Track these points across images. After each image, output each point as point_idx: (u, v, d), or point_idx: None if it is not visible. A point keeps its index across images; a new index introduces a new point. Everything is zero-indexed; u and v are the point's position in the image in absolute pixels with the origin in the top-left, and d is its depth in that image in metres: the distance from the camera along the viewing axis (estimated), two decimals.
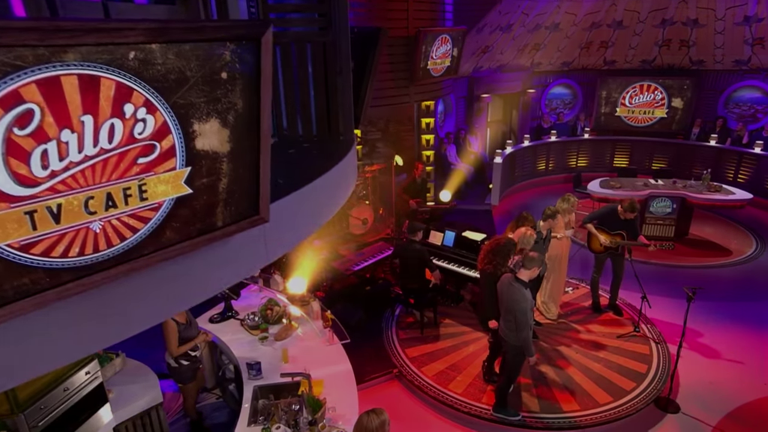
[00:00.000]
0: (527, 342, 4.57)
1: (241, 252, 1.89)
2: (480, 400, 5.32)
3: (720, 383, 5.61)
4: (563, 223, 6.36)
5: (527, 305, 4.48)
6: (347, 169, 2.91)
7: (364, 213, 8.56)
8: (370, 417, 3.16)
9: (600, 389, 5.42)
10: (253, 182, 1.72)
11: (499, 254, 5.03)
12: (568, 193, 6.44)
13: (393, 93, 7.30)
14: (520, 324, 4.50)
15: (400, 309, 7.06)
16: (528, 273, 4.59)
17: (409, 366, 5.89)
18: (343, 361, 4.79)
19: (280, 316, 5.34)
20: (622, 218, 6.39)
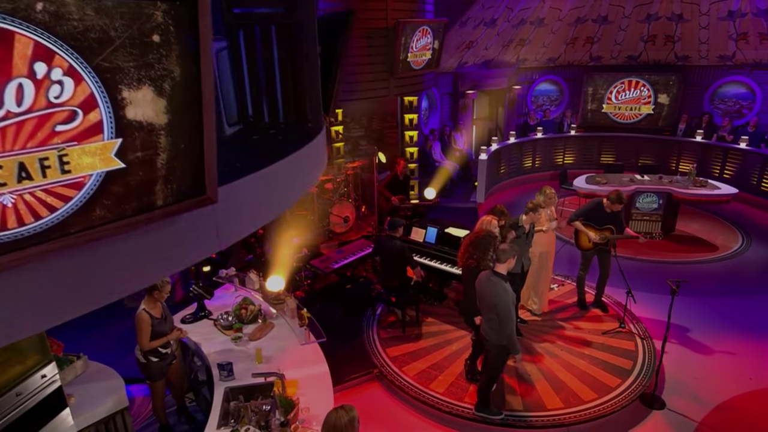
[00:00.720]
0: (512, 338, 4.49)
1: (188, 235, 1.78)
2: (462, 400, 5.24)
3: (706, 378, 5.59)
4: (545, 216, 6.31)
5: (509, 299, 4.41)
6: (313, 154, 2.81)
7: (346, 211, 8.47)
8: (338, 414, 3.06)
9: (585, 386, 5.36)
10: (198, 159, 1.61)
11: (478, 247, 4.96)
12: (545, 186, 6.40)
13: (372, 86, 7.22)
14: (504, 319, 4.42)
15: (382, 308, 6.96)
16: (504, 266, 4.51)
17: (389, 366, 5.79)
18: (320, 361, 4.69)
19: (255, 315, 5.22)
20: (608, 211, 6.35)
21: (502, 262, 4.51)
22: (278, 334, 5.09)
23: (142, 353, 4.48)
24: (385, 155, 10.29)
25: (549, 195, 6.25)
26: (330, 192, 8.69)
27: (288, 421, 3.77)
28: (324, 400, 4.10)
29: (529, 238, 6.00)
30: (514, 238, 5.44)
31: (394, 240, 6.20)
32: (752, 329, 6.46)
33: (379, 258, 6.45)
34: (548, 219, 6.36)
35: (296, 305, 5.13)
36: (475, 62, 12.68)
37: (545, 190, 6.30)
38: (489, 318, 4.60)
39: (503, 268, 4.53)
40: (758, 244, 9.03)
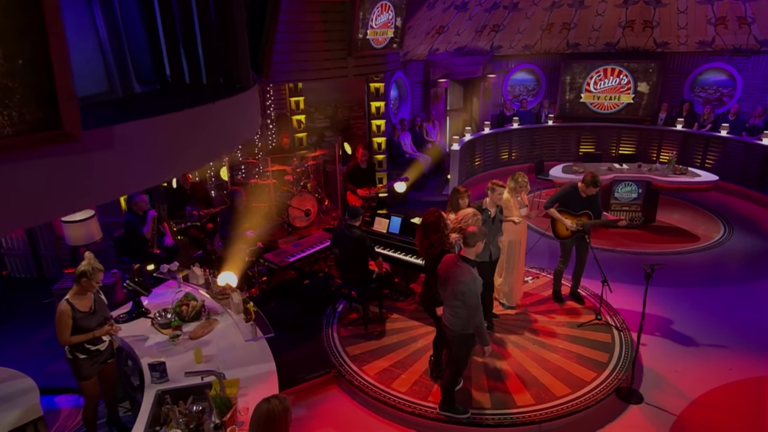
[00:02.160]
0: (481, 329, 4.31)
1: (46, 182, 1.55)
2: (426, 399, 5.06)
3: (685, 371, 5.52)
4: (515, 204, 6.17)
5: (477, 286, 4.23)
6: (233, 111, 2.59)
7: (307, 204, 8.24)
8: (272, 403, 2.84)
9: (558, 381, 5.23)
10: (45, 80, 1.39)
11: (429, 229, 4.81)
12: (517, 172, 6.27)
13: (328, 65, 7.01)
14: (473, 308, 4.25)
15: (344, 305, 6.76)
16: (473, 250, 4.35)
17: (348, 365, 5.58)
18: (266, 358, 4.46)
19: (198, 312, 4.96)
20: (584, 195, 6.25)
21: (470, 246, 4.34)
22: (223, 331, 4.85)
23: (68, 349, 4.20)
24: (351, 146, 10.11)
25: (520, 182, 6.12)
26: (290, 184, 8.46)
27: (224, 423, 3.54)
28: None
29: (495, 224, 5.86)
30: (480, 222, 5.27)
31: (353, 230, 5.99)
32: (733, 320, 6.44)
33: (338, 250, 6.24)
34: (519, 206, 6.23)
35: (242, 299, 4.88)
36: (446, 49, 12.59)
37: (516, 176, 6.17)
38: (453, 305, 4.42)
39: (471, 253, 4.36)
40: (740, 234, 9.07)
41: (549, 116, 13.47)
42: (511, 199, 6.18)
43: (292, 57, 6.20)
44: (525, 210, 6.28)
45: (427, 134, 12.28)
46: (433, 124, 12.51)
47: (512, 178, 6.17)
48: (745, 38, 11.51)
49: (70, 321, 4.08)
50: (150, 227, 6.25)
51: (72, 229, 5.83)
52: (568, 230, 6.34)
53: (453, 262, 4.39)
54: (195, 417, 3.51)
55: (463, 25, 12.01)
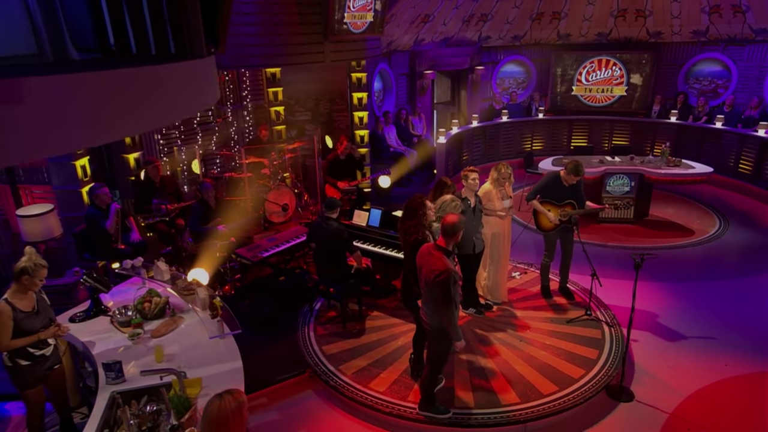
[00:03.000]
0: (452, 322, 4.19)
1: None
2: (405, 399, 4.93)
3: (678, 367, 5.45)
4: (497, 196, 6.07)
5: (450, 277, 4.11)
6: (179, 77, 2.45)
7: (284, 198, 8.10)
8: (224, 399, 2.70)
9: (544, 378, 5.13)
10: None
11: (408, 214, 4.70)
12: (501, 163, 6.18)
13: (303, 50, 6.87)
14: (442, 300, 4.13)
15: (322, 302, 6.62)
16: (451, 240, 4.23)
17: (324, 365, 5.44)
18: (233, 357, 4.32)
19: (162, 309, 4.79)
20: (567, 184, 6.17)
21: (448, 235, 4.23)
22: (189, 328, 4.69)
23: (8, 355, 3.97)
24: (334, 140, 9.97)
25: (503, 172, 6.02)
26: (267, 177, 8.31)
27: (181, 424, 3.38)
28: None
29: (476, 214, 5.75)
30: (459, 210, 5.16)
31: (330, 222, 5.87)
32: (729, 315, 6.38)
33: (315, 244, 6.10)
34: (502, 198, 6.13)
35: (208, 295, 4.73)
36: (433, 39, 12.50)
37: (499, 167, 6.07)
38: (429, 298, 4.30)
39: (449, 242, 4.25)
40: (736, 228, 9.04)
41: (540, 109, 13.42)
42: (493, 190, 6.08)
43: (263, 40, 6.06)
44: (509, 202, 6.18)
45: (413, 128, 12.18)
46: (419, 117, 12.41)
47: (495, 169, 6.07)
48: (739, 27, 11.52)
49: (11, 323, 3.82)
50: (113, 221, 6.07)
51: (28, 224, 5.64)
52: (551, 222, 6.25)
53: (428, 251, 4.27)
54: (149, 418, 3.35)
55: (450, 14, 11.94)
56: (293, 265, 7.18)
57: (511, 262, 7.47)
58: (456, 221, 4.20)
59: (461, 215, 4.40)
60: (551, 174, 6.34)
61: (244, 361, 5.40)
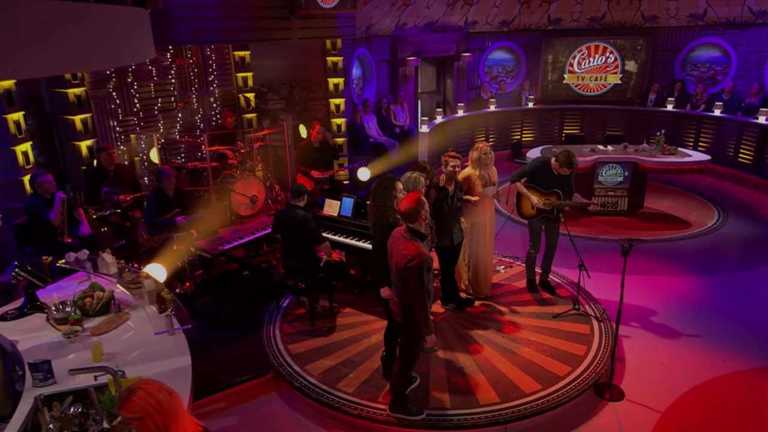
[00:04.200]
0: (423, 313, 4.01)
1: None
2: (376, 400, 4.75)
3: (673, 364, 5.31)
4: (478, 181, 5.91)
5: (422, 262, 3.93)
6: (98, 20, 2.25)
7: (253, 189, 7.88)
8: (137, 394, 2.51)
9: (527, 377, 4.96)
10: None
11: (377, 194, 4.53)
12: (478, 142, 6.01)
13: (268, 25, 6.66)
14: (414, 288, 3.95)
15: (290, 299, 6.43)
16: (419, 224, 4.06)
17: (289, 365, 5.25)
18: (182, 354, 4.10)
19: (106, 304, 4.56)
20: (557, 174, 6.02)
21: (413, 221, 4.05)
22: (136, 325, 4.47)
23: None
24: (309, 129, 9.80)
25: (482, 149, 5.86)
26: (234, 167, 8.10)
27: (113, 428, 3.18)
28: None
29: (455, 203, 5.59)
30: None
31: (296, 210, 5.68)
32: (727, 309, 6.28)
33: (281, 235, 5.91)
34: (484, 184, 5.97)
35: (156, 287, 4.51)
36: (416, 24, 12.37)
37: (478, 146, 5.91)
38: (399, 286, 4.12)
39: (420, 225, 4.07)
40: (735, 220, 8.97)
41: (529, 98, 13.32)
42: (474, 174, 5.92)
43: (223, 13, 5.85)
44: (492, 189, 6.02)
45: (395, 118, 12.01)
46: (401, 107, 12.24)
47: (474, 148, 5.91)
48: (738, 10, 11.49)
49: None
50: (58, 212, 5.83)
51: None
52: (533, 209, 6.09)
53: (400, 234, 4.10)
54: (72, 421, 3.13)
55: None
56: (262, 260, 6.98)
57: (496, 255, 7.33)
58: (415, 201, 4.01)
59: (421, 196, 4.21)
60: (541, 159, 6.19)
61: (202, 363, 5.26)
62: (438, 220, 5.48)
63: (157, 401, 2.58)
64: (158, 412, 2.57)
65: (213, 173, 7.82)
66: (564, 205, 6.10)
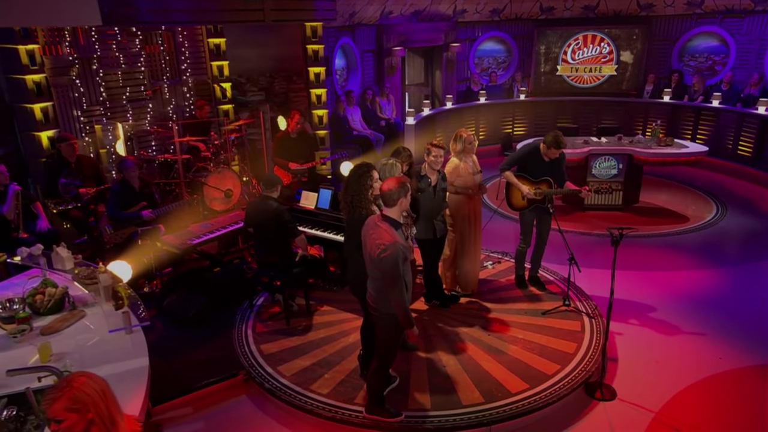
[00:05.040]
0: (402, 306, 3.87)
1: None
2: (352, 402, 4.61)
3: (668, 361, 5.22)
4: (467, 170, 5.80)
5: (398, 251, 3.79)
6: None
7: (227, 182, 7.71)
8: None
9: (513, 376, 4.84)
10: None
11: (351, 185, 4.39)
12: (459, 129, 5.90)
13: (240, 5, 6.51)
14: (391, 278, 3.82)
15: (265, 297, 6.30)
16: (396, 208, 3.93)
17: (261, 366, 5.10)
18: (139, 353, 3.94)
19: (59, 301, 4.39)
20: (546, 159, 5.91)
21: (391, 205, 3.92)
22: (92, 323, 4.31)
23: None
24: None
25: (465, 138, 5.75)
26: (208, 160, 7.93)
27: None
28: (128, 404, 3.35)
29: (438, 194, 5.47)
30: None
31: (269, 202, 5.53)
32: (725, 304, 6.20)
33: (253, 229, 5.76)
34: (472, 172, 5.85)
35: (112, 282, 4.35)
36: (402, 12, 12.26)
37: (459, 134, 5.80)
38: (374, 277, 3.99)
39: (394, 212, 3.94)
40: (734, 214, 8.91)
41: (521, 90, 13.24)
42: (461, 165, 5.81)
43: None
44: (479, 177, 5.90)
45: (381, 110, 11.89)
46: (387, 99, 12.13)
47: (455, 139, 5.80)
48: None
49: None
50: (11, 205, 5.65)
51: None
52: (524, 199, 5.98)
53: (374, 222, 3.96)
54: (7, 426, 2.97)
55: None
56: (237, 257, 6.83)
57: (484, 251, 7.22)
58: (398, 183, 3.89)
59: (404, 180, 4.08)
60: (530, 145, 6.08)
61: (167, 364, 5.14)
62: (419, 211, 5.37)
63: (101, 388, 2.46)
64: (103, 401, 2.44)
65: (185, 166, 7.66)
66: (555, 193, 6.00)
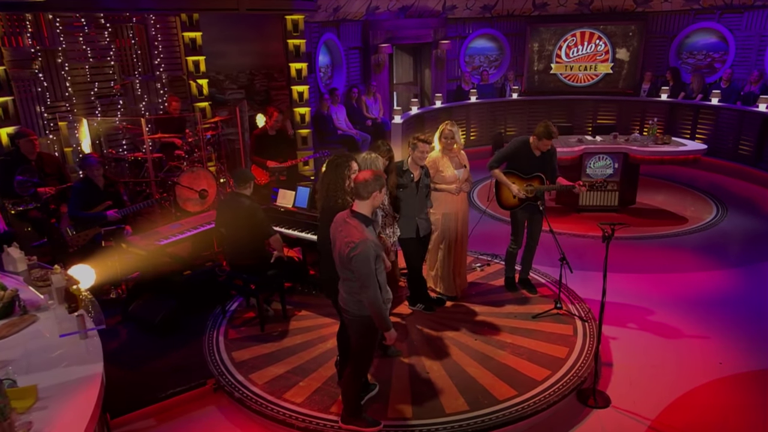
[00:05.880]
0: (377, 307, 3.73)
1: None
2: (327, 411, 4.46)
3: (666, 367, 5.11)
4: (449, 165, 5.68)
5: (369, 249, 3.65)
6: None
7: (202, 182, 7.55)
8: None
9: (500, 382, 4.71)
10: None
11: (329, 173, 4.27)
12: (446, 121, 5.79)
13: None
14: (362, 277, 3.69)
15: (240, 302, 6.15)
16: (367, 203, 3.79)
17: (231, 374, 4.93)
18: (93, 360, 3.77)
19: (8, 305, 4.21)
20: (537, 153, 5.80)
21: (363, 197, 3.79)
22: (45, 328, 4.13)
23: None
24: None
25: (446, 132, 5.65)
26: (181, 159, 7.78)
27: None
28: (75, 415, 3.18)
29: (421, 190, 5.34)
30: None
31: (240, 199, 5.39)
32: (725, 307, 6.11)
33: (225, 228, 5.61)
34: (455, 167, 5.73)
35: (65, 283, 4.18)
36: (389, 8, 12.21)
37: (442, 128, 5.69)
38: (345, 277, 3.85)
39: (366, 207, 3.81)
40: (735, 215, 8.85)
41: (514, 89, 13.18)
42: (440, 158, 5.69)
43: None
44: (463, 172, 5.78)
45: (367, 110, 11.80)
46: (374, 98, 12.03)
47: (440, 133, 5.69)
48: None
49: None
50: None
51: None
52: (515, 197, 5.86)
53: (343, 219, 3.83)
54: None
55: None
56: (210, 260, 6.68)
57: (474, 253, 7.11)
58: (372, 175, 3.76)
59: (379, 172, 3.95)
60: (519, 140, 5.96)
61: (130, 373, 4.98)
62: (400, 209, 5.25)
63: None
64: None
65: (158, 165, 7.51)
66: (548, 189, 5.89)
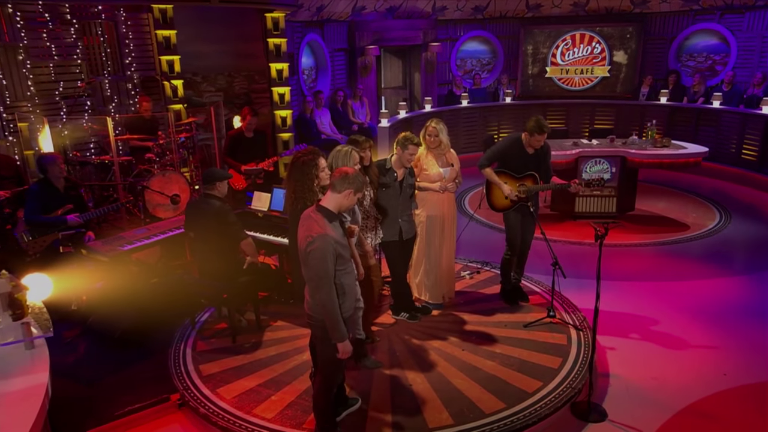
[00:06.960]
0: (328, 310, 3.58)
1: None
2: (300, 427, 4.30)
3: (667, 378, 4.99)
4: (433, 162, 5.58)
5: (327, 246, 3.51)
6: None
7: (174, 187, 7.41)
8: None
9: (488, 394, 4.57)
10: None
11: (294, 173, 4.16)
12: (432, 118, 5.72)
13: None
14: (314, 276, 3.57)
15: (211, 312, 5.99)
16: (337, 199, 3.66)
17: (197, 388, 4.76)
18: (39, 370, 3.61)
19: None
20: (530, 151, 5.72)
21: (337, 191, 3.65)
22: None
23: None
24: None
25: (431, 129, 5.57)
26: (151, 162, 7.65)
27: None
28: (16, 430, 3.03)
29: (404, 190, 5.23)
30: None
31: (210, 200, 5.25)
32: (729, 316, 6.02)
33: (194, 232, 5.47)
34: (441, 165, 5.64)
35: (10, 289, 4.01)
36: (376, 8, 12.20)
37: (429, 124, 5.62)
38: (306, 276, 3.73)
39: (334, 202, 3.67)
40: (738, 221, 8.80)
41: (507, 93, 13.15)
42: (427, 157, 5.60)
43: None
44: (449, 171, 5.67)
45: (353, 114, 11.74)
46: (361, 102, 11.97)
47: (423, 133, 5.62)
48: None
49: None
50: None
51: None
52: (507, 198, 5.76)
53: (307, 214, 3.70)
54: None
55: None
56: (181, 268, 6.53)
57: (463, 260, 6.99)
58: (351, 173, 3.65)
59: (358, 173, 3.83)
60: (511, 137, 5.87)
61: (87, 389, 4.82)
62: (382, 210, 5.14)
63: None
64: None
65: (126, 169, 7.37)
66: (542, 188, 5.79)
